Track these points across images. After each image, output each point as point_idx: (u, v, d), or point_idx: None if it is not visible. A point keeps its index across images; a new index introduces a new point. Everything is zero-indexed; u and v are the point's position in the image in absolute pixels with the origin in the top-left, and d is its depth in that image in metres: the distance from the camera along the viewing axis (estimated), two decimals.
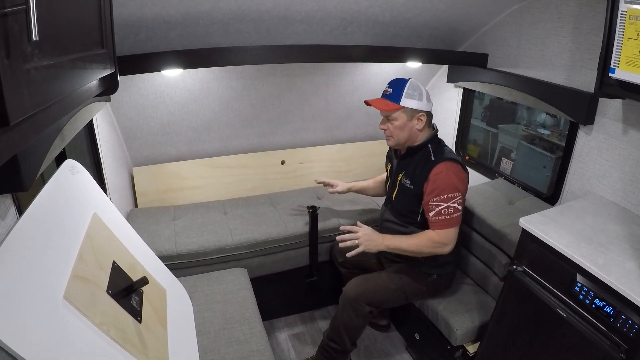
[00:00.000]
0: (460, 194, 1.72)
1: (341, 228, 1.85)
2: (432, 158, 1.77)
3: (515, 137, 3.53)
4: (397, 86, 1.78)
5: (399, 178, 1.89)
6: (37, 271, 0.84)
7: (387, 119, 1.82)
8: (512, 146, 3.52)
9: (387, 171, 2.10)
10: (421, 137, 1.83)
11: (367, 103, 1.85)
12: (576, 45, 1.86)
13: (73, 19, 0.78)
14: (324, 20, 1.94)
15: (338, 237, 1.84)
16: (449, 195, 1.70)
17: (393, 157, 2.01)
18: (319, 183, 2.29)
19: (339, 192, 2.26)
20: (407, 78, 1.81)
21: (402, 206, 1.90)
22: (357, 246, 1.77)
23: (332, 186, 2.25)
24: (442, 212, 1.71)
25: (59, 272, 0.90)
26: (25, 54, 0.51)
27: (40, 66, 0.55)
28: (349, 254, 1.77)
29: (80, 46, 0.82)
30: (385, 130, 1.85)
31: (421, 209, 1.82)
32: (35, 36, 0.48)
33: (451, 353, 1.90)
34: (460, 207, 1.73)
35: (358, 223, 1.84)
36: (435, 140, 1.84)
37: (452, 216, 1.71)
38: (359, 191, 2.33)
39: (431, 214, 1.73)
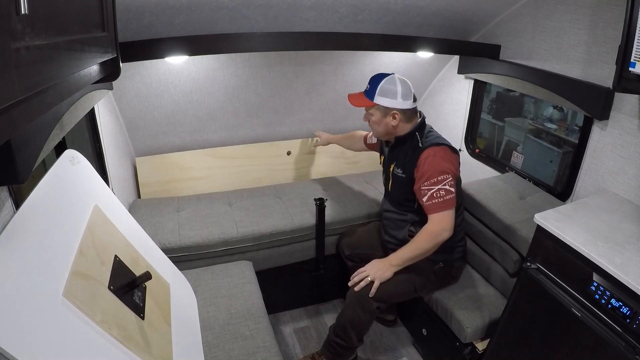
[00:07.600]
0: (449, 175, 1.71)
1: (350, 283, 1.84)
2: (420, 145, 1.79)
3: (521, 130, 3.47)
4: (374, 83, 1.83)
5: (391, 169, 1.92)
6: (34, 268, 0.80)
7: (367, 113, 1.89)
8: (519, 140, 3.46)
9: (380, 164, 2.11)
10: (407, 128, 1.84)
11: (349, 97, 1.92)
12: (593, 38, 1.80)
13: None
14: (334, 7, 1.88)
15: (350, 283, 1.84)
16: (438, 178, 1.70)
17: (384, 149, 2.02)
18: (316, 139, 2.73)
19: (322, 145, 2.72)
20: (389, 73, 1.83)
21: (398, 195, 1.92)
22: (372, 283, 1.78)
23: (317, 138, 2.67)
24: (434, 195, 1.70)
25: (58, 268, 0.86)
26: (15, 31, 0.46)
27: (31, 46, 0.50)
28: (371, 293, 1.77)
29: (78, 27, 0.77)
30: (367, 123, 1.92)
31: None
32: (24, 9, 0.43)
33: (460, 350, 1.87)
34: (452, 190, 1.70)
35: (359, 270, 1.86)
36: (422, 128, 1.85)
37: (445, 198, 1.70)
38: (338, 143, 2.63)
39: (424, 199, 1.73)
